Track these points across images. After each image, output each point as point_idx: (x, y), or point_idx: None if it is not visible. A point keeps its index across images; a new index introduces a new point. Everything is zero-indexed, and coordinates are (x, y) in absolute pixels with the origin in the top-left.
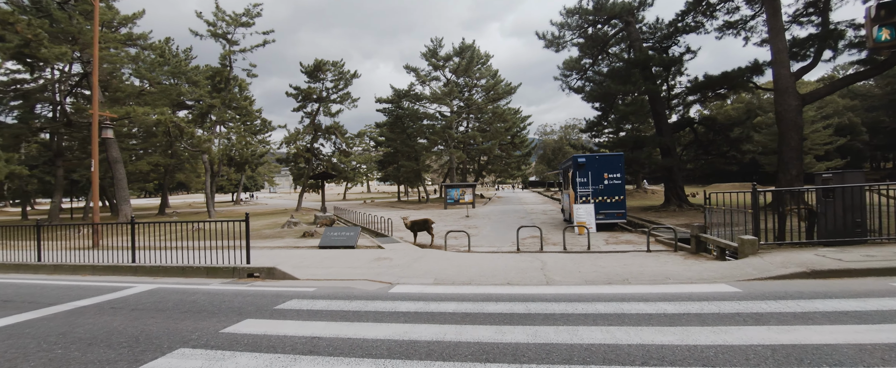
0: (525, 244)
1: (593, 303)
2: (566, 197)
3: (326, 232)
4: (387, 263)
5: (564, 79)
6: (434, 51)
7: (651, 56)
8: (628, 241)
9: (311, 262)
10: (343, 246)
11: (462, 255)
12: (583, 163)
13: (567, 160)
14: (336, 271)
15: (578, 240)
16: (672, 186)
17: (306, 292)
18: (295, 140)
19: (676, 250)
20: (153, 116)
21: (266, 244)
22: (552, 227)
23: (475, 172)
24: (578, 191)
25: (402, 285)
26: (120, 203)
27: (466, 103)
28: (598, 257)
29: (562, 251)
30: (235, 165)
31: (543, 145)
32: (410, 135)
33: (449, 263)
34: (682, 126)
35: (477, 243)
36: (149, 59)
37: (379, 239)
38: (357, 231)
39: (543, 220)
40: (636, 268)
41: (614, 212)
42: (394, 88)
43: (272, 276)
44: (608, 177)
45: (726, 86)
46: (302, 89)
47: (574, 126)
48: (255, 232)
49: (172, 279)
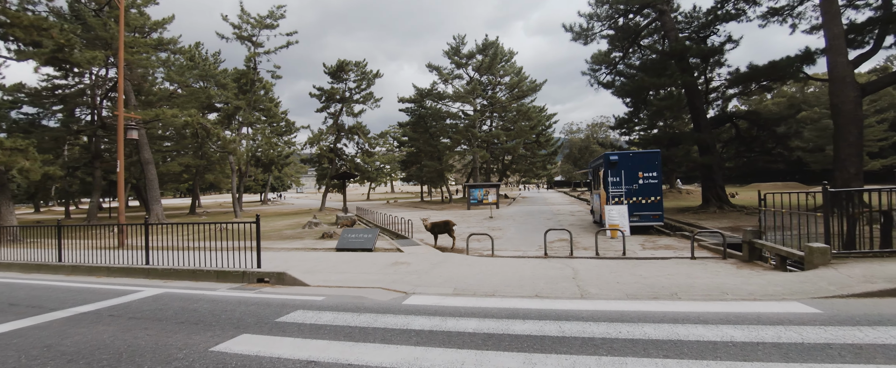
0: (553, 248)
1: (640, 325)
2: (596, 197)
3: (344, 234)
4: (404, 269)
5: (593, 73)
6: (457, 48)
7: (688, 46)
8: (667, 246)
9: (324, 266)
10: (360, 248)
11: (485, 260)
12: (615, 161)
13: (597, 158)
14: (349, 277)
15: (611, 245)
16: (711, 186)
17: (314, 301)
18: (318, 140)
19: (726, 257)
20: (182, 118)
21: (284, 245)
22: (581, 230)
23: (499, 172)
24: (610, 192)
25: (418, 295)
26: (151, 203)
27: (490, 101)
28: (635, 264)
29: (594, 256)
30: (262, 166)
31: (569, 144)
32: (433, 135)
33: (470, 270)
34: (721, 121)
35: (501, 246)
36: (178, 63)
37: (398, 242)
38: (375, 233)
39: (571, 222)
40: (684, 279)
41: (650, 214)
42: (416, 87)
43: (282, 282)
44: (643, 175)
45: (773, 78)
46: (325, 90)
47: (601, 124)
48: (275, 232)
49: (182, 283)
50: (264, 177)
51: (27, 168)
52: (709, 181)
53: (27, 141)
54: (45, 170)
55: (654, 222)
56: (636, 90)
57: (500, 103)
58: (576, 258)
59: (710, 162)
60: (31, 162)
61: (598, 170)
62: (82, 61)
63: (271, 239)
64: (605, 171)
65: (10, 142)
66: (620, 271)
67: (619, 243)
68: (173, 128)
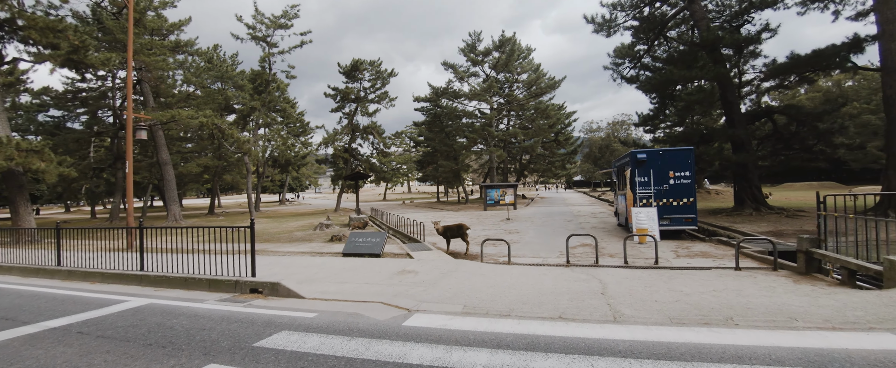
0: (576, 255)
1: (694, 365)
2: (621, 198)
3: (351, 238)
4: (410, 278)
5: (615, 67)
6: (472, 45)
7: (721, 36)
8: (704, 254)
9: (326, 274)
10: (368, 253)
11: (500, 269)
12: (643, 159)
13: (623, 156)
14: (350, 288)
15: (641, 251)
16: (746, 186)
17: (303, 320)
18: (333, 140)
19: (777, 268)
20: (198, 119)
21: (290, 248)
22: (605, 233)
23: (516, 172)
24: (638, 193)
25: (422, 314)
26: (169, 203)
27: (507, 99)
28: (672, 276)
29: (622, 265)
30: (279, 166)
31: (589, 143)
32: (449, 134)
33: (484, 281)
34: (756, 116)
35: (518, 251)
36: (196, 65)
37: (410, 246)
38: (383, 237)
39: (593, 225)
40: (735, 298)
41: (682, 218)
42: (432, 86)
43: (276, 293)
44: (674, 175)
45: (817, 68)
46: (340, 89)
47: (623, 122)
48: (286, 234)
49: (172, 292)
50: (282, 177)
51: (42, 169)
52: (743, 181)
53: (42, 142)
54: (60, 170)
55: (687, 226)
56: (663, 84)
57: (517, 101)
58: (602, 267)
59: (745, 160)
60: (46, 163)
61: (623, 169)
62: (97, 63)
63: (280, 241)
64: (631, 171)
65: (26, 143)
66: (656, 285)
67: (649, 249)
68: (190, 129)
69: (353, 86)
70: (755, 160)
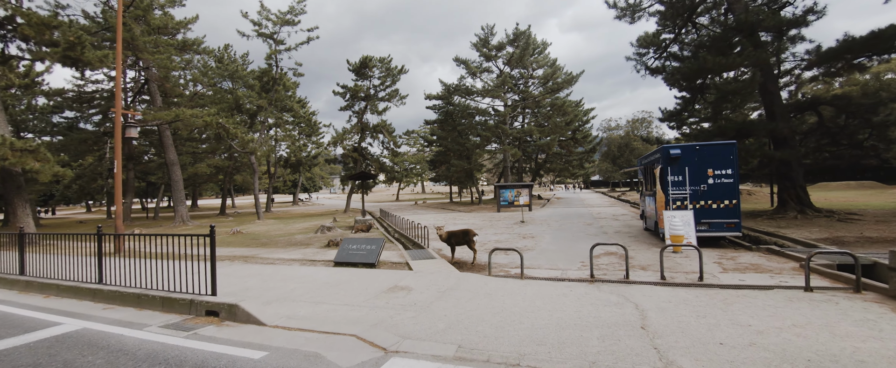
0: (601, 266)
1: None
2: (650, 200)
3: (344, 245)
4: (401, 298)
5: (639, 58)
6: (485, 40)
7: (761, 18)
8: (755, 267)
9: (303, 292)
10: (361, 263)
11: (511, 286)
12: (677, 155)
13: (651, 152)
14: (324, 311)
15: (677, 262)
16: (789, 186)
17: (246, 362)
18: (342, 139)
19: (859, 290)
20: (201, 118)
21: (281, 255)
22: (630, 239)
23: (532, 171)
24: (671, 194)
25: (402, 357)
26: (176, 204)
27: (522, 96)
28: (728, 299)
29: (659, 281)
30: (291, 166)
31: (608, 141)
32: (461, 133)
33: (489, 305)
34: (800, 108)
35: (533, 261)
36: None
37: (411, 253)
38: (380, 244)
39: (616, 229)
40: (830, 340)
41: (723, 222)
42: (443, 83)
43: (233, 317)
44: (714, 173)
45: (877, 51)
46: (349, 87)
47: (643, 119)
48: (286, 237)
49: (122, 311)
50: (294, 177)
51: (36, 169)
52: (786, 180)
53: (37, 141)
54: (55, 170)
55: (729, 232)
56: (694, 73)
57: (532, 98)
58: (634, 283)
59: (789, 157)
60: (41, 162)
61: (652, 167)
62: (94, 60)
63: (277, 245)
64: (663, 169)
65: (21, 143)
66: (711, 314)
67: (686, 260)
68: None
69: (363, 84)
70: (800, 157)
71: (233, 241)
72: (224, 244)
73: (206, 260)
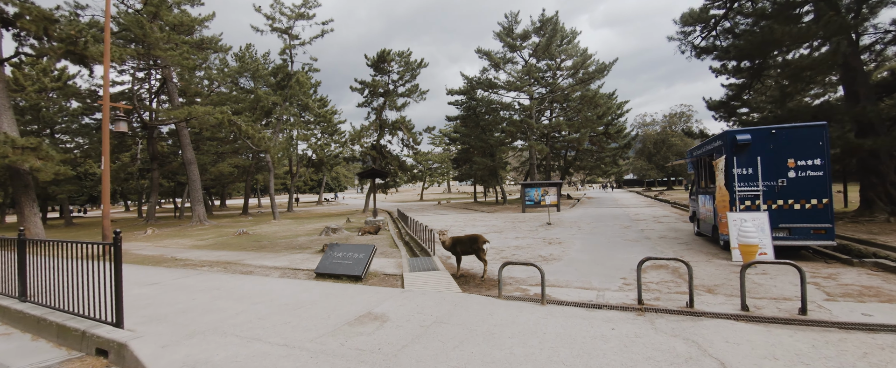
0: (649, 285)
1: None
2: (706, 199)
3: (329, 252)
4: (365, 337)
5: (683, 38)
6: (509, 29)
7: None
8: (871, 291)
9: (245, 318)
10: (346, 275)
11: (524, 320)
12: (746, 142)
13: (709, 141)
14: (247, 356)
15: (754, 281)
16: (877, 182)
17: None
18: (360, 137)
19: None
20: (213, 116)
21: (264, 261)
22: (680, 246)
23: (561, 169)
24: (737, 191)
25: None
26: (194, 204)
27: (550, 89)
28: (868, 351)
29: (740, 313)
30: (313, 166)
31: (643, 138)
32: (485, 129)
33: (491, 352)
34: (888, 89)
35: (560, 275)
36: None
37: (413, 261)
38: (368, 253)
39: (661, 232)
40: None
41: (809, 228)
42: (465, 77)
43: (121, 362)
44: (796, 164)
45: None
46: (367, 83)
47: (682, 113)
48: (288, 239)
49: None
50: (318, 177)
51: (37, 167)
52: (873, 175)
53: (37, 139)
54: (56, 169)
55: (818, 240)
56: (757, 48)
57: (560, 90)
58: (704, 316)
59: (877, 146)
60: (43, 161)
61: (708, 158)
62: (97, 54)
63: (274, 248)
64: (727, 159)
65: (23, 140)
66: None
67: (764, 277)
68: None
69: (381, 79)
70: (891, 147)
71: (230, 244)
72: (219, 247)
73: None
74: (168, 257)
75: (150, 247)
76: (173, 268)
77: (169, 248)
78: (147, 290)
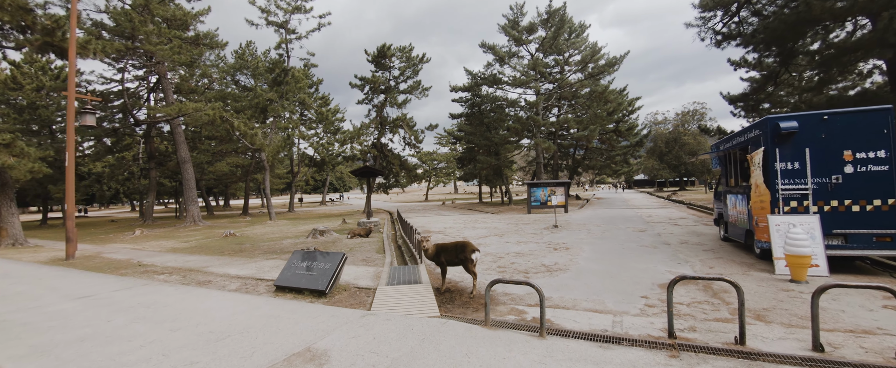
0: (680, 307)
1: None
2: (736, 199)
3: (292, 261)
4: None
5: (703, 23)
6: (514, 21)
7: None
8: None
9: (145, 355)
10: (308, 289)
11: (519, 357)
12: (791, 130)
13: (743, 130)
14: None
15: (802, 299)
16: None
17: None
18: (358, 135)
19: None
20: (203, 113)
21: (229, 269)
22: (708, 253)
23: (569, 169)
24: (781, 189)
25: None
26: (187, 203)
27: (557, 85)
28: None
29: (812, 356)
30: (315, 165)
31: (654, 137)
32: (489, 126)
33: None
34: None
35: (565, 291)
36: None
37: (395, 271)
38: (337, 262)
39: (681, 236)
40: None
41: (871, 234)
42: (469, 72)
43: None
44: (855, 157)
45: None
46: (367, 79)
47: (694, 111)
48: (276, 241)
49: None
50: (321, 176)
51: (10, 164)
52: None
53: (11, 135)
54: (30, 166)
55: (885, 249)
56: (790, 28)
57: (568, 85)
58: (763, 359)
59: None
60: (17, 158)
61: (738, 152)
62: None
63: (253, 253)
64: (767, 151)
65: None
66: None
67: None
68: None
69: (381, 75)
70: None
71: (210, 247)
72: (196, 250)
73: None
74: (134, 262)
75: (126, 250)
76: (125, 277)
77: (144, 251)
78: (70, 306)
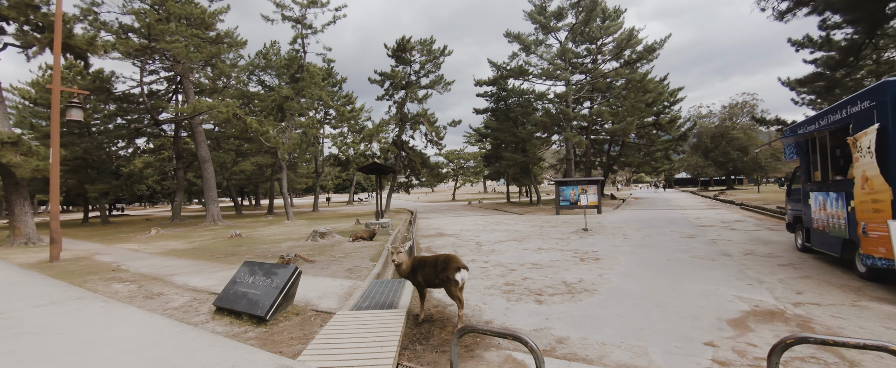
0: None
1: None
2: (823, 197)
3: (239, 275)
4: None
5: None
6: (541, 7)
7: None
8: None
9: None
10: (247, 313)
11: None
12: None
13: (837, 106)
14: None
15: None
16: None
17: None
18: (377, 132)
19: None
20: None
21: (194, 279)
22: (778, 267)
23: (603, 166)
24: None
25: None
26: (208, 202)
27: (589, 74)
28: None
29: None
30: (340, 164)
31: (698, 132)
32: (515, 121)
33: None
34: None
35: (590, 326)
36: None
37: (371, 289)
38: (285, 279)
39: (743, 246)
40: None
41: None
42: (493, 64)
43: None
44: None
45: None
46: (386, 74)
47: (744, 103)
48: (271, 245)
49: None
50: (345, 176)
51: (16, 163)
52: None
53: (18, 133)
54: (34, 165)
55: None
56: None
57: (602, 76)
58: None
59: None
60: (25, 156)
61: (832, 135)
62: (82, 44)
63: (241, 258)
64: (885, 130)
65: (2, 134)
66: None
67: None
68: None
69: (402, 70)
70: None
71: (207, 249)
72: (189, 253)
73: None
74: (113, 267)
75: (125, 251)
76: (77, 287)
77: (140, 253)
78: None
